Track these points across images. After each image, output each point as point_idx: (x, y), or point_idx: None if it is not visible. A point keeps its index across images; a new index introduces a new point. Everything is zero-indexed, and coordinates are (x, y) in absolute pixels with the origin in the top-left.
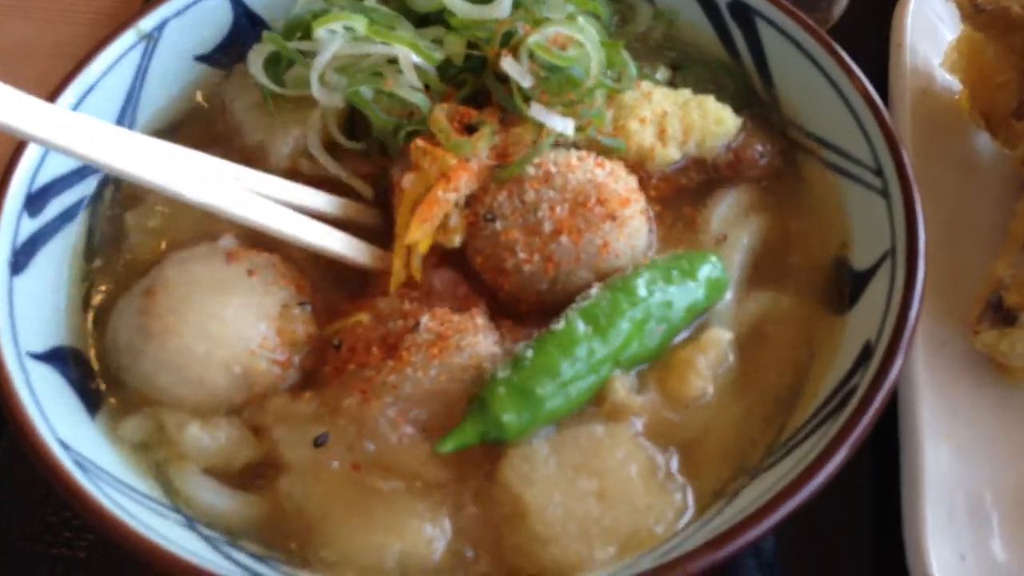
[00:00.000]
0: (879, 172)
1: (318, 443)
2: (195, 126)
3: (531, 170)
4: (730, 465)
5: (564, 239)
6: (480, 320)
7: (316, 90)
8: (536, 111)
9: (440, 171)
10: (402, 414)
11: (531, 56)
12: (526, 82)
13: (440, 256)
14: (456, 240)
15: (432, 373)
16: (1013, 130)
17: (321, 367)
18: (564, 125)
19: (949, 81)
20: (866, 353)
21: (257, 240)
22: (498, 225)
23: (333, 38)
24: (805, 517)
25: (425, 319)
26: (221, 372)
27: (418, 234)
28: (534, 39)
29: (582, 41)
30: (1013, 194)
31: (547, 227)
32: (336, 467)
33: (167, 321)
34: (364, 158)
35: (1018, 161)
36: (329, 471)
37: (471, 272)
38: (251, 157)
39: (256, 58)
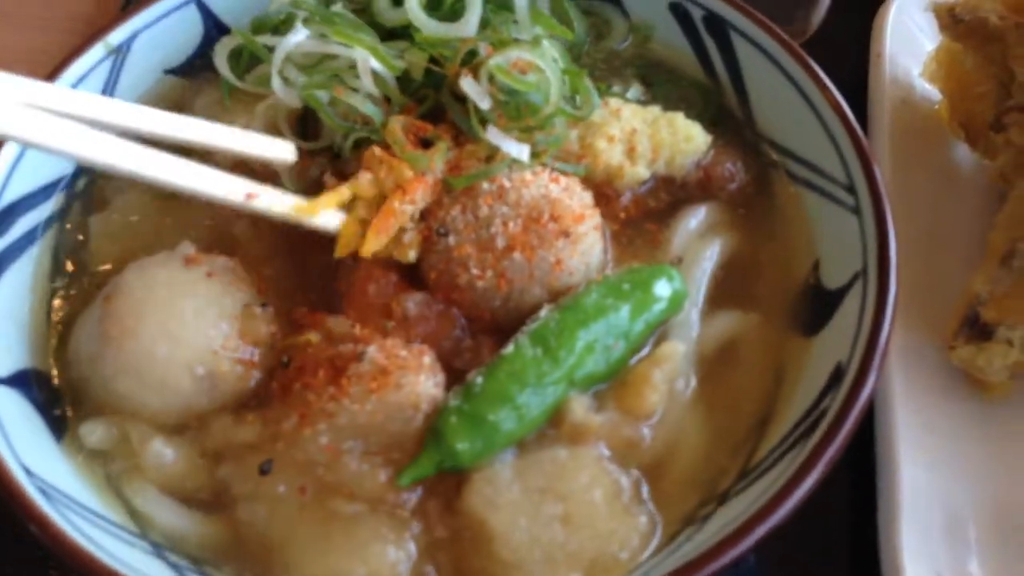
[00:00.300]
0: (851, 189)
1: (263, 471)
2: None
3: (485, 185)
4: (698, 490)
5: (517, 255)
6: (427, 360)
7: (276, 84)
8: (492, 135)
9: (396, 182)
10: (334, 443)
11: (491, 78)
12: (484, 104)
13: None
14: (411, 255)
15: (368, 408)
16: (992, 141)
17: (270, 382)
18: (519, 151)
19: (929, 91)
20: (837, 375)
21: (215, 246)
22: (451, 240)
23: (296, 33)
24: (783, 538)
25: (372, 350)
26: (184, 374)
27: (374, 245)
28: (495, 61)
29: (542, 67)
30: (992, 205)
31: (500, 243)
32: (283, 492)
33: (126, 324)
34: (312, 158)
35: (997, 172)
36: (279, 496)
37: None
38: (200, 152)
39: (222, 50)
